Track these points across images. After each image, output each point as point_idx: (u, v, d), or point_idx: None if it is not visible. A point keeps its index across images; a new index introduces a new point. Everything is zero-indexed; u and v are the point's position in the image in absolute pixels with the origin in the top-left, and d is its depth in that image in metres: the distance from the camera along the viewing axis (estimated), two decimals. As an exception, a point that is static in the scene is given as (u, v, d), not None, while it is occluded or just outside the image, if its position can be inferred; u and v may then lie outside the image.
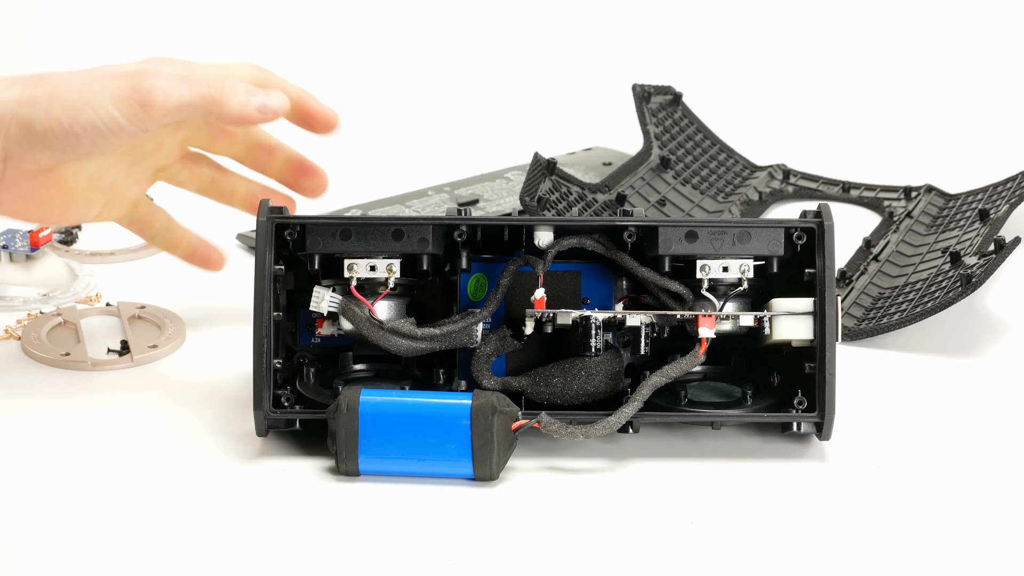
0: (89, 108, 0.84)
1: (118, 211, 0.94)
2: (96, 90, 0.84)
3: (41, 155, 0.86)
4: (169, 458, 0.86)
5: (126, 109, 0.84)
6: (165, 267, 1.11)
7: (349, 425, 0.82)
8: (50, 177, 0.88)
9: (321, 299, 0.86)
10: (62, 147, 0.85)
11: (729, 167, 1.28)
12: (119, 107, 0.84)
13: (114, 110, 0.84)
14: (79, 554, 0.77)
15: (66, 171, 0.88)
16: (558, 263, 0.88)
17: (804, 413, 0.86)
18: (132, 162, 0.92)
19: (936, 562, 0.77)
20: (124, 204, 0.94)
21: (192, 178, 0.96)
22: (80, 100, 0.84)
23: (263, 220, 0.86)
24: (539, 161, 1.07)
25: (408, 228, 0.86)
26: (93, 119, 0.84)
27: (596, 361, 0.86)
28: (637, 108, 1.26)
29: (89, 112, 0.84)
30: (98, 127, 0.84)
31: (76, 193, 0.90)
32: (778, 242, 0.86)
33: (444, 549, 0.78)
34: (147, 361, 0.97)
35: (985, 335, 1.02)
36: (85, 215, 0.92)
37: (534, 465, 0.85)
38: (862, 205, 1.23)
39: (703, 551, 0.78)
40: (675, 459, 0.86)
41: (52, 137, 0.85)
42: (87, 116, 0.84)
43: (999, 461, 0.87)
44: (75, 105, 0.84)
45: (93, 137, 0.85)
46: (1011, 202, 1.12)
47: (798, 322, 0.86)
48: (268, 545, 0.78)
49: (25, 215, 0.89)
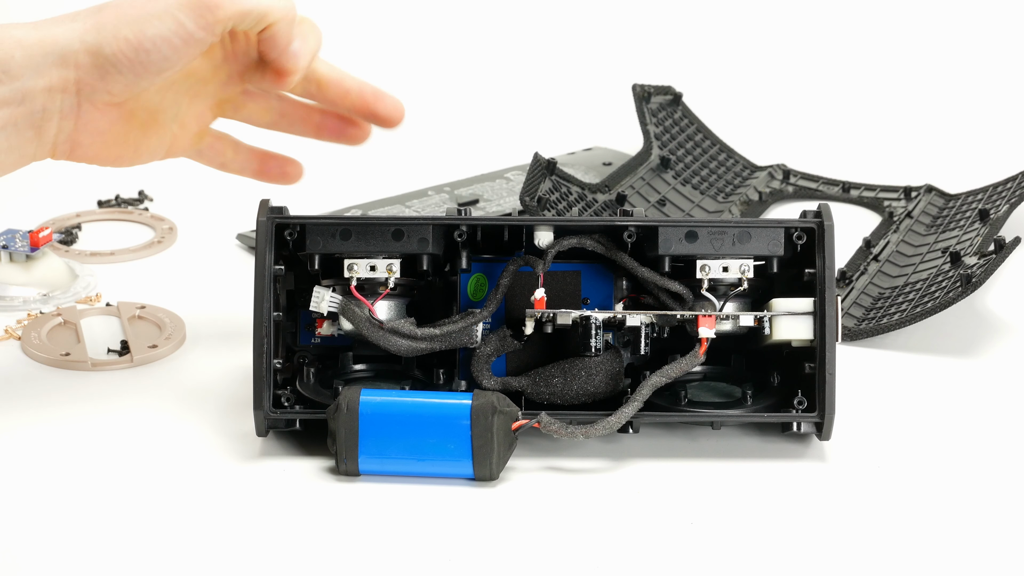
0: (156, 20, 0.84)
1: (185, 144, 0.94)
2: (160, 2, 0.84)
3: (114, 82, 0.86)
4: (169, 458, 0.86)
5: (192, 13, 0.84)
6: (165, 267, 1.11)
7: (349, 425, 0.82)
8: (122, 111, 0.88)
9: (321, 299, 0.86)
10: (133, 68, 0.85)
11: (729, 167, 1.28)
12: (185, 13, 0.84)
13: (182, 15, 0.84)
14: (79, 554, 0.77)
15: (136, 105, 0.89)
16: (558, 263, 0.88)
17: (804, 413, 0.86)
18: (193, 93, 0.92)
19: (936, 562, 0.77)
20: (190, 136, 0.94)
21: (260, 110, 0.96)
22: (146, 14, 0.84)
23: (263, 220, 0.86)
24: (539, 161, 1.07)
25: (408, 228, 0.86)
26: (161, 30, 0.84)
27: (596, 361, 0.86)
28: (637, 108, 1.26)
29: (156, 24, 0.84)
30: (167, 38, 0.84)
31: (147, 127, 0.90)
32: (778, 242, 0.86)
33: (444, 549, 0.78)
34: (147, 361, 0.97)
35: (985, 335, 1.02)
36: (156, 151, 0.92)
37: (534, 465, 0.85)
38: (862, 205, 1.23)
39: (703, 551, 0.78)
40: (675, 459, 0.86)
41: (123, 58, 0.85)
42: (155, 28, 0.84)
43: (999, 461, 0.87)
44: (141, 19, 0.84)
45: (164, 51, 0.85)
46: (1011, 202, 1.12)
47: (798, 322, 0.86)
48: (268, 545, 0.78)
49: (103, 156, 0.90)
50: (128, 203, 1.21)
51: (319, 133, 0.98)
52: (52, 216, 1.17)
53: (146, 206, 1.21)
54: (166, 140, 0.93)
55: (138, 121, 0.90)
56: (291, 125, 0.97)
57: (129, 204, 1.21)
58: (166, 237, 1.15)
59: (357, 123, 0.98)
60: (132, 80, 0.86)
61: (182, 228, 1.17)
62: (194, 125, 0.94)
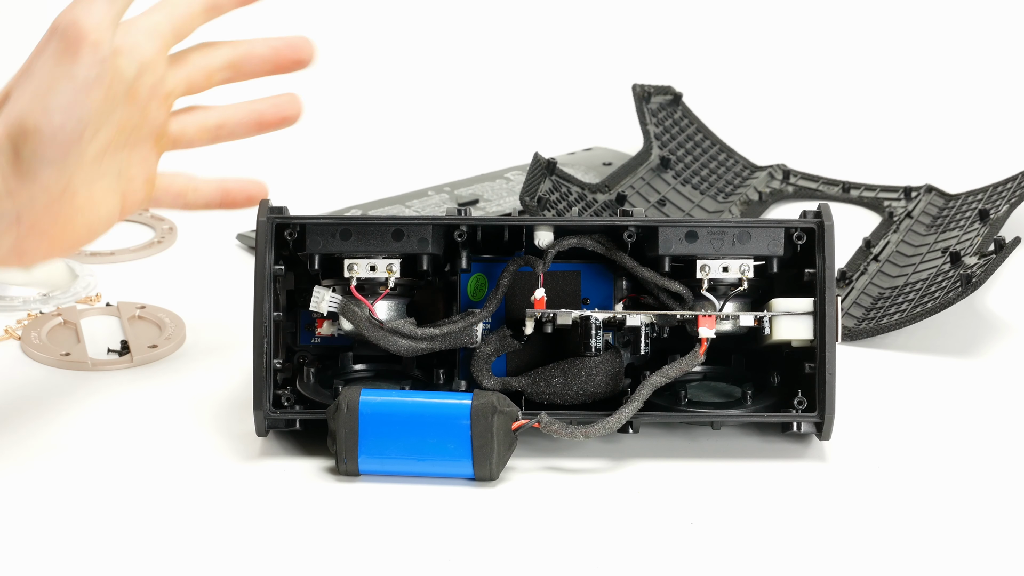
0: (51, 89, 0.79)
1: (140, 197, 0.88)
2: (36, 71, 0.80)
3: (44, 174, 0.81)
4: (169, 458, 0.86)
5: (69, 60, 0.79)
6: (165, 267, 1.11)
7: (349, 425, 0.82)
8: (63, 199, 0.83)
9: (321, 299, 0.86)
10: (52, 146, 0.80)
11: (729, 167, 1.28)
12: (54, 59, 0.79)
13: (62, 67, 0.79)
14: (80, 554, 0.77)
15: (74, 183, 0.83)
16: (558, 263, 0.88)
17: (804, 413, 0.86)
18: (128, 143, 0.86)
19: (936, 562, 0.77)
20: (141, 188, 0.88)
21: (197, 130, 0.90)
22: (35, 91, 0.79)
23: (263, 220, 0.86)
24: (539, 161, 1.07)
25: (408, 228, 0.86)
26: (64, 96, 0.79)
27: (596, 361, 0.86)
28: (637, 108, 1.26)
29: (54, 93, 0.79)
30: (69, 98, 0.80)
31: (93, 201, 0.85)
32: (778, 242, 0.86)
33: (444, 549, 0.78)
34: (147, 361, 0.97)
35: (985, 335, 1.02)
36: (110, 217, 0.87)
37: (534, 465, 0.85)
38: (862, 205, 1.23)
39: (703, 551, 0.78)
40: (675, 459, 0.86)
41: (39, 141, 0.80)
42: (56, 97, 0.79)
43: (999, 461, 0.87)
44: (38, 96, 0.79)
45: (71, 110, 0.80)
46: (1011, 202, 1.12)
47: (798, 322, 0.86)
48: (268, 545, 0.78)
49: (56, 250, 0.85)
50: (128, 203, 1.21)
51: (261, 126, 0.91)
52: (52, 216, 1.17)
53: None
54: (117, 203, 0.86)
55: (81, 200, 0.84)
56: (233, 130, 0.91)
57: (129, 204, 1.21)
58: (166, 237, 1.15)
59: (286, 94, 0.92)
60: (58, 161, 0.81)
61: (182, 228, 1.17)
62: (141, 174, 0.88)
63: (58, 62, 0.79)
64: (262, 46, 0.91)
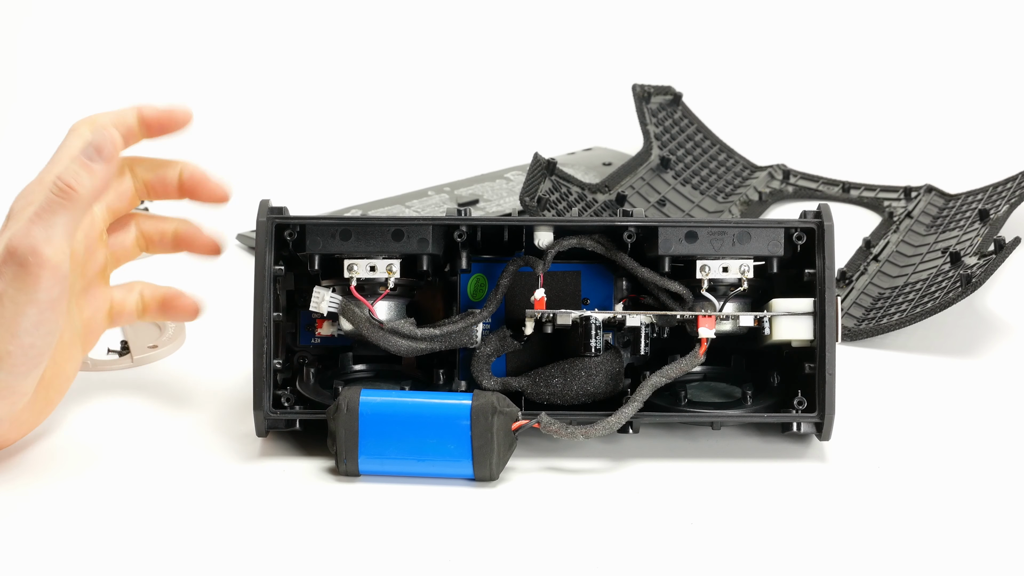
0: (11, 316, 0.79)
1: (101, 330, 0.90)
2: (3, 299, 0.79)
3: (22, 384, 0.81)
4: (169, 458, 0.86)
5: (32, 285, 0.79)
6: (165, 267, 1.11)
7: (349, 425, 0.82)
8: (38, 388, 0.84)
9: (321, 299, 0.86)
10: (25, 362, 0.80)
11: (729, 167, 1.28)
12: (16, 286, 0.79)
13: (15, 292, 0.79)
14: (79, 554, 0.77)
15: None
16: (558, 263, 0.88)
17: (804, 413, 0.86)
18: (82, 293, 0.87)
19: (936, 562, 0.77)
20: (101, 322, 0.89)
21: (131, 247, 0.91)
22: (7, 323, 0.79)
23: (263, 220, 0.86)
24: (539, 161, 1.07)
25: (408, 228, 0.86)
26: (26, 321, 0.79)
27: (596, 361, 0.86)
28: (637, 108, 1.26)
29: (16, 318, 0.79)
30: (35, 319, 0.80)
31: (58, 368, 0.85)
32: (778, 242, 0.86)
33: (444, 549, 0.78)
34: (147, 361, 0.97)
35: (985, 335, 1.02)
36: (75, 368, 0.87)
37: (534, 465, 0.85)
38: (862, 205, 1.23)
39: (703, 551, 0.78)
40: (675, 459, 0.86)
41: (12, 363, 0.80)
42: (21, 324, 0.79)
43: (999, 461, 0.87)
44: (3, 323, 0.79)
45: (39, 328, 0.80)
46: (1011, 202, 1.12)
47: (798, 322, 0.86)
48: (268, 545, 0.78)
49: (38, 420, 0.86)
50: (128, 203, 1.21)
51: (177, 245, 0.93)
52: (52, 216, 1.17)
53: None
54: (80, 352, 0.87)
55: (49, 374, 0.84)
56: (163, 245, 0.93)
57: (129, 204, 1.21)
58: (166, 237, 1.15)
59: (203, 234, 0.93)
60: (36, 370, 0.81)
61: (182, 228, 1.16)
62: (101, 307, 0.89)
63: (20, 288, 0.79)
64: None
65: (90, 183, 0.81)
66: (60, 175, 0.80)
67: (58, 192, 0.80)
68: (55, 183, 0.80)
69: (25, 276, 0.79)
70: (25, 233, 0.79)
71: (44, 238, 0.79)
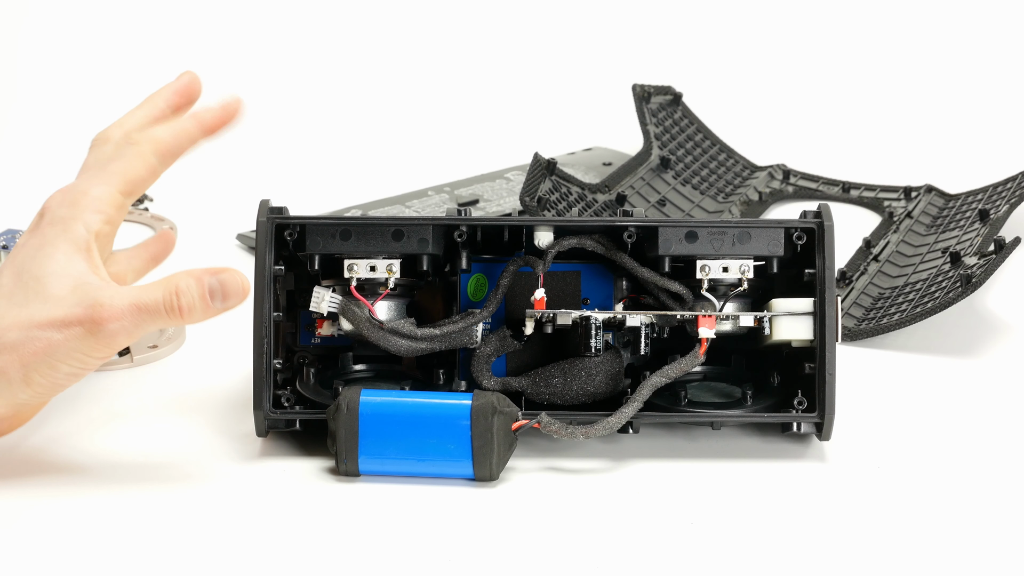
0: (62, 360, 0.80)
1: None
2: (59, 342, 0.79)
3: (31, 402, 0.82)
4: (169, 458, 0.86)
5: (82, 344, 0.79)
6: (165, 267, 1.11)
7: (349, 425, 0.82)
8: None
9: (321, 299, 0.86)
10: (39, 395, 0.82)
11: (729, 167, 1.28)
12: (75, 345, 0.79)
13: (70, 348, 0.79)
14: (79, 553, 0.77)
15: None
16: (558, 263, 0.88)
17: (804, 413, 0.86)
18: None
19: (936, 562, 0.77)
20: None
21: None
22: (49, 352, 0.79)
23: (263, 220, 0.86)
24: (539, 161, 1.07)
25: (408, 228, 0.86)
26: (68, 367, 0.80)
27: (596, 361, 0.86)
28: (637, 108, 1.26)
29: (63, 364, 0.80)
30: (75, 373, 0.81)
31: None
32: (778, 242, 0.86)
33: (444, 549, 0.78)
34: (147, 361, 0.97)
35: (985, 335, 1.02)
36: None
37: (534, 465, 0.85)
38: (862, 205, 1.23)
39: (703, 551, 0.78)
40: (675, 459, 0.86)
41: (35, 397, 0.81)
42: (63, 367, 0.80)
43: (999, 461, 0.87)
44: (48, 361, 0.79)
45: (74, 378, 0.81)
46: (1011, 202, 1.12)
47: (798, 322, 0.86)
48: (268, 545, 0.78)
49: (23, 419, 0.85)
50: (128, 203, 1.21)
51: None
52: (52, 216, 1.17)
53: (146, 206, 1.21)
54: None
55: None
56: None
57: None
58: (166, 237, 1.15)
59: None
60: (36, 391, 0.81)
61: (182, 228, 1.17)
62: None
63: (77, 348, 0.79)
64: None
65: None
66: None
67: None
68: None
69: (91, 346, 0.79)
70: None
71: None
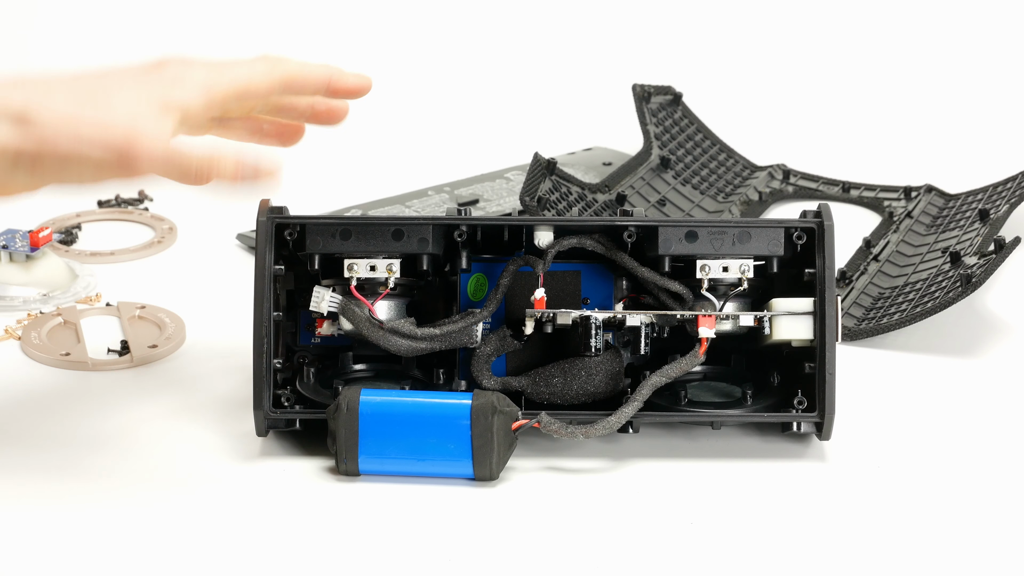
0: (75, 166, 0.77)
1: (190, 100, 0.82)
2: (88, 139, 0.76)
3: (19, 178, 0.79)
4: (169, 458, 0.86)
5: (110, 164, 0.77)
6: (165, 267, 1.12)
7: (349, 425, 0.82)
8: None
9: (321, 299, 0.86)
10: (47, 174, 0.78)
11: (729, 167, 1.28)
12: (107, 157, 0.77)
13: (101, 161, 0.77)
14: (79, 553, 0.77)
15: None
16: (558, 263, 0.88)
17: (804, 413, 0.86)
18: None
19: (936, 562, 0.77)
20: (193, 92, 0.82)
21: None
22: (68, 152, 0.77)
23: (263, 220, 0.86)
24: (539, 161, 1.07)
25: (408, 228, 0.86)
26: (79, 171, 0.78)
27: (596, 361, 0.86)
28: (637, 108, 1.26)
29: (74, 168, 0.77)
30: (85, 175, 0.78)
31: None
32: (778, 242, 0.86)
33: (444, 549, 0.78)
34: (147, 361, 0.97)
35: (985, 335, 1.02)
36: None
37: (534, 465, 0.85)
38: (862, 205, 1.23)
39: (703, 551, 0.78)
40: (675, 459, 0.86)
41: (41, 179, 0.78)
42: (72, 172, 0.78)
43: (999, 461, 0.87)
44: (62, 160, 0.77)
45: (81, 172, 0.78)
46: (1011, 202, 1.12)
47: (798, 322, 0.86)
48: (268, 545, 0.78)
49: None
50: (128, 203, 1.21)
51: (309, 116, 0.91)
52: (52, 216, 1.17)
53: (146, 206, 1.21)
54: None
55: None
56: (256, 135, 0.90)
57: (129, 204, 1.21)
58: (166, 237, 1.15)
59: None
60: (35, 182, 0.79)
61: (182, 228, 1.17)
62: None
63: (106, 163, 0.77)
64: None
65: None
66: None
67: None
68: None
69: (110, 168, 0.77)
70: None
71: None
